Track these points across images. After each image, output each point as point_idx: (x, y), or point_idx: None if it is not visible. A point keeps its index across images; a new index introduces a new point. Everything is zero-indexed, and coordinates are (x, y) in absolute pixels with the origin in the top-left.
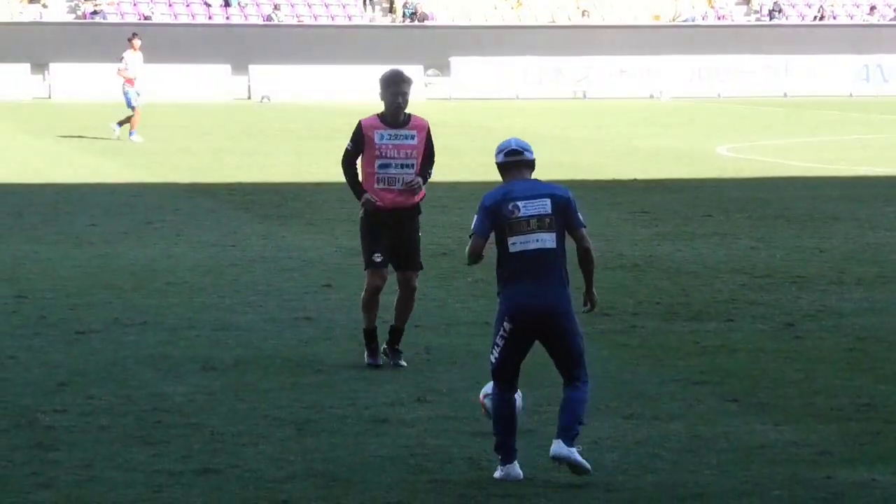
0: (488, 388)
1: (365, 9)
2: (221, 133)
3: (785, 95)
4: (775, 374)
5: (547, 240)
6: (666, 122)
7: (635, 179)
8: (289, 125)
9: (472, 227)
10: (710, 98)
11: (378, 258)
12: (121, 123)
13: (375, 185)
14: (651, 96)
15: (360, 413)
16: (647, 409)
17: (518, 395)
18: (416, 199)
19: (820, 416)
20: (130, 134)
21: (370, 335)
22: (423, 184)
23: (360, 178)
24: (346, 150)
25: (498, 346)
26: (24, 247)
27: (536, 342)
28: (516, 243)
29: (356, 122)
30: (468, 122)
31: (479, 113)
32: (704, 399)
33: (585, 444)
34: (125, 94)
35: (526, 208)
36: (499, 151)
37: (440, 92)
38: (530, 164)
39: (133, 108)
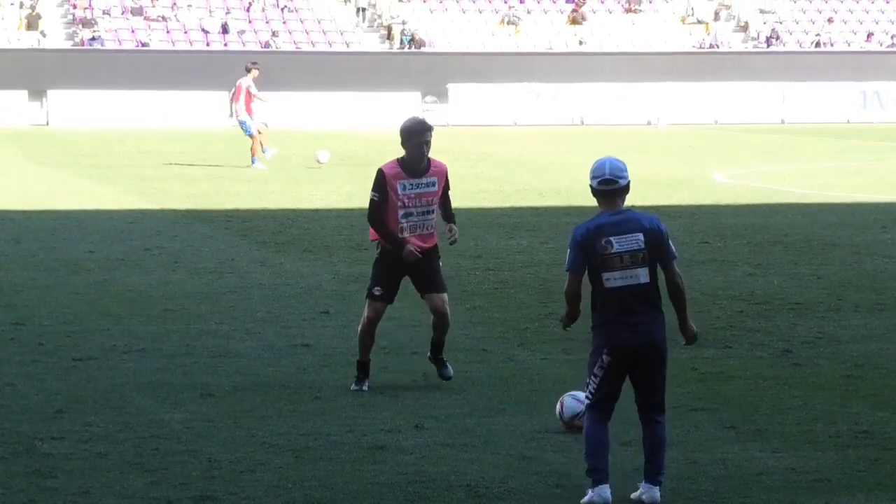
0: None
1: (356, 28)
2: (219, 159)
3: (782, 122)
4: (773, 401)
5: (641, 275)
6: (663, 148)
7: (633, 206)
8: (286, 152)
9: (567, 264)
10: (707, 125)
11: (378, 291)
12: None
13: (402, 235)
14: (648, 123)
15: (358, 440)
16: None
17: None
18: (435, 239)
19: (818, 442)
20: (253, 161)
21: (362, 367)
22: (454, 222)
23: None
24: (372, 200)
25: (596, 376)
26: (22, 273)
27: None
28: (611, 279)
29: (352, 149)
30: (466, 149)
31: (476, 139)
32: (702, 426)
33: (581, 471)
34: (244, 122)
35: (619, 244)
36: (593, 177)
37: (438, 118)
38: (624, 191)
39: (252, 136)
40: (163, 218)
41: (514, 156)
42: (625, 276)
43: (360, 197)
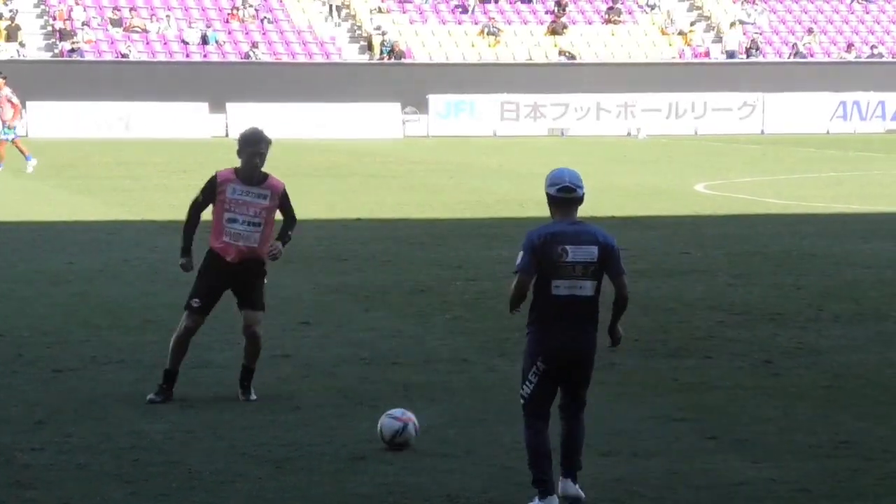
0: (390, 426)
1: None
2: (199, 170)
3: (762, 133)
4: (753, 411)
5: (588, 287)
6: (643, 159)
7: (613, 217)
8: (266, 163)
9: (517, 264)
10: (687, 136)
11: (196, 303)
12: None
13: (224, 238)
14: (628, 134)
15: (338, 450)
16: (626, 446)
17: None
18: (260, 254)
19: (798, 453)
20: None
21: (169, 375)
22: (289, 240)
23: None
24: (196, 199)
25: (531, 382)
26: (1, 285)
27: None
28: (560, 287)
29: (332, 160)
30: (446, 160)
31: (456, 150)
32: (683, 436)
33: None
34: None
35: (574, 254)
36: (551, 184)
37: (417, 129)
38: (580, 201)
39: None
40: (142, 229)
41: (495, 167)
42: (573, 286)
43: (340, 208)
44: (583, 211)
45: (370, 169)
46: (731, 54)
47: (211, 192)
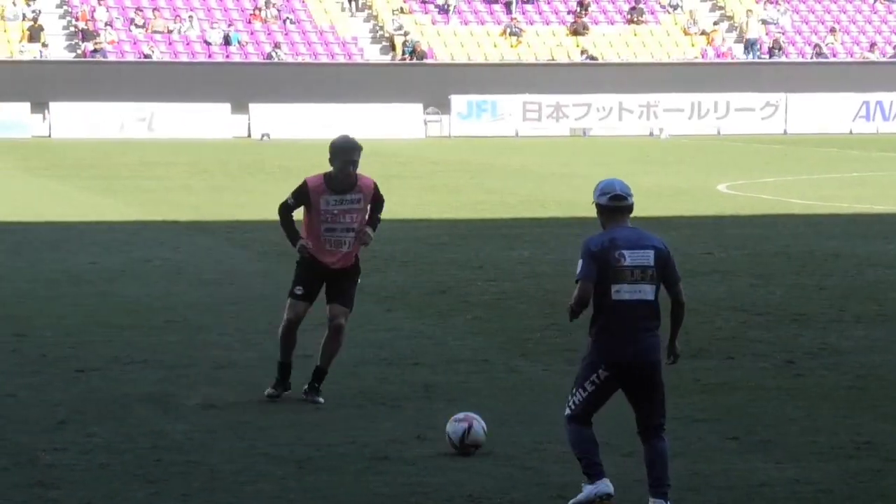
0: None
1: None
2: (221, 171)
3: (785, 133)
4: (776, 412)
5: (648, 291)
6: (665, 159)
7: (635, 217)
8: (288, 163)
9: (578, 272)
10: (709, 136)
11: (299, 290)
12: None
13: (326, 247)
14: (651, 134)
15: (360, 451)
16: None
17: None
18: (355, 254)
19: (820, 454)
20: None
21: (283, 368)
22: (374, 230)
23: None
24: (286, 202)
25: (585, 390)
26: (24, 285)
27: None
28: (620, 291)
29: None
30: (467, 160)
31: (478, 151)
32: (705, 437)
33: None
34: None
35: (631, 258)
36: (602, 193)
37: (439, 130)
38: (630, 209)
39: None
40: (164, 229)
41: (516, 167)
42: (633, 291)
43: None
44: None
45: (391, 169)
46: (750, 44)
47: (303, 197)
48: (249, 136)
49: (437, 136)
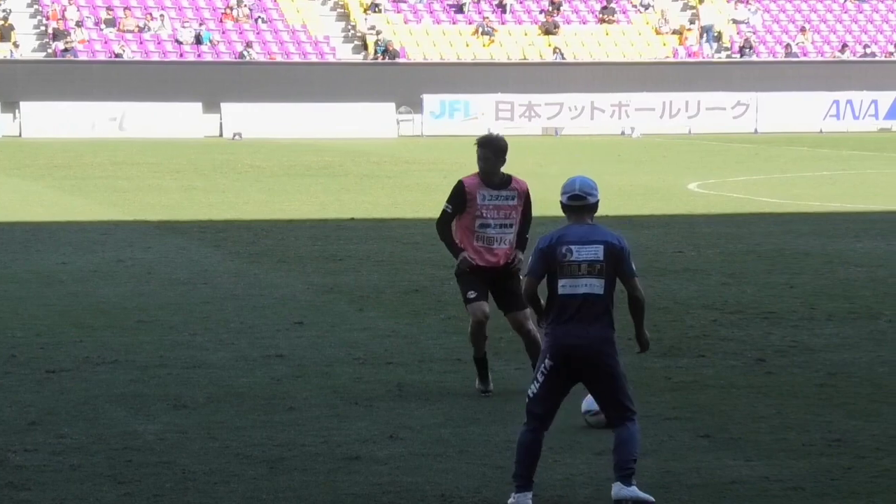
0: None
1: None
2: (193, 171)
3: (755, 132)
4: (747, 410)
5: (596, 285)
6: (637, 158)
7: (607, 216)
8: (260, 162)
9: (527, 268)
10: (680, 135)
11: (472, 294)
12: None
13: (476, 244)
14: (622, 133)
15: (333, 451)
16: None
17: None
18: (511, 252)
19: (791, 451)
20: None
21: (479, 363)
22: (523, 250)
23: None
24: (445, 211)
25: (537, 381)
26: None
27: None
28: (566, 286)
29: (326, 159)
30: (440, 160)
31: (450, 150)
32: (676, 435)
33: (558, 480)
34: None
35: (578, 253)
36: (563, 193)
37: (412, 129)
38: (592, 208)
39: None
40: (136, 229)
41: None
42: (579, 285)
43: (334, 207)
44: None
45: (364, 169)
46: (706, 30)
47: (461, 200)
48: (221, 135)
49: (409, 136)
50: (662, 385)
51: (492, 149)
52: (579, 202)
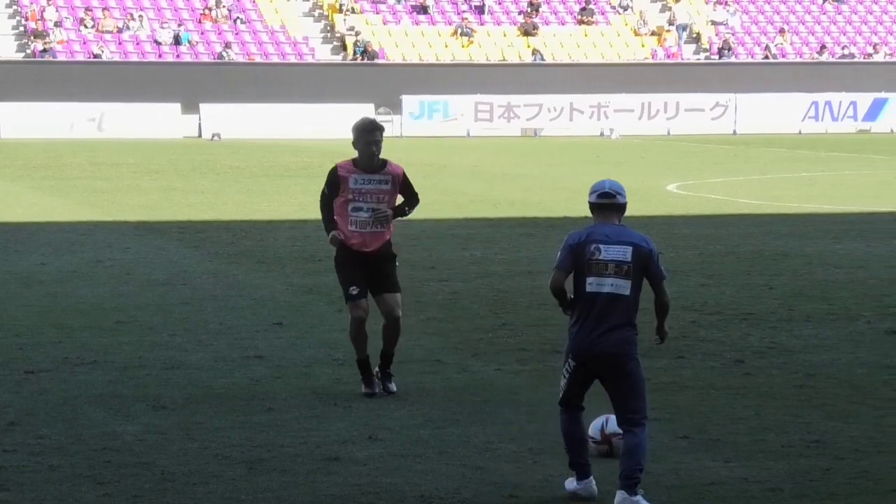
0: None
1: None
2: (172, 171)
3: (734, 133)
4: (725, 411)
5: (622, 286)
6: (616, 159)
7: (587, 217)
8: (239, 163)
9: (555, 261)
10: (659, 136)
11: (354, 290)
12: None
13: (350, 228)
14: (601, 134)
15: (312, 451)
16: None
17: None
18: (387, 237)
19: (770, 452)
20: None
21: (363, 365)
22: (405, 215)
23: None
24: (322, 192)
25: (564, 377)
26: None
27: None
28: (592, 284)
29: (305, 160)
30: (419, 161)
31: (430, 151)
32: (655, 436)
33: (537, 481)
34: None
35: (607, 252)
36: (592, 192)
37: (391, 130)
38: (620, 208)
39: None
40: (115, 230)
41: (468, 167)
42: (605, 284)
43: (313, 208)
44: (556, 211)
45: None
46: (681, 29)
47: (335, 181)
48: (200, 136)
49: (388, 137)
50: None
51: (381, 131)
52: (608, 200)
